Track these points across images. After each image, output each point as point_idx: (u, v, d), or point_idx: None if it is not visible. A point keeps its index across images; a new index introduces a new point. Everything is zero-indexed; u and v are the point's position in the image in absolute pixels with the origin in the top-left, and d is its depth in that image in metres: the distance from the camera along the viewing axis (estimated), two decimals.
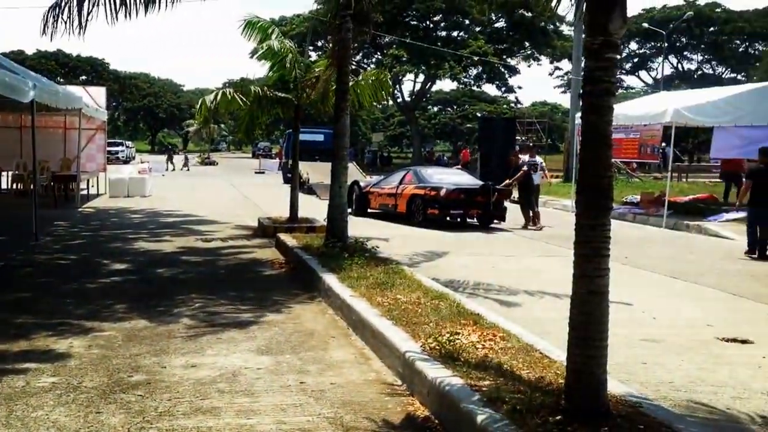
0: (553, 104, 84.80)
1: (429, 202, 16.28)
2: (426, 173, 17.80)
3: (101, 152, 24.60)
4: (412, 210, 16.73)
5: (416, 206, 16.62)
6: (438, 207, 16.17)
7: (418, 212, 16.47)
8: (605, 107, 4.16)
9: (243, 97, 13.69)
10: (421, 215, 16.36)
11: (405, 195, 17.05)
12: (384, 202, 17.89)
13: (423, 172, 18.00)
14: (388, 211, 17.70)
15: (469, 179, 17.96)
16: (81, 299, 8.15)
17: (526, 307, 8.00)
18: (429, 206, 16.28)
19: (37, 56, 79.61)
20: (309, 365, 5.79)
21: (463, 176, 18.53)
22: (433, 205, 16.18)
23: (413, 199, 16.75)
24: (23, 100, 10.90)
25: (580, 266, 4.17)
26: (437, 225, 15.98)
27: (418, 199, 16.52)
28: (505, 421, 3.98)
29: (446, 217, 16.34)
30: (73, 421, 4.50)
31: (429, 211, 16.27)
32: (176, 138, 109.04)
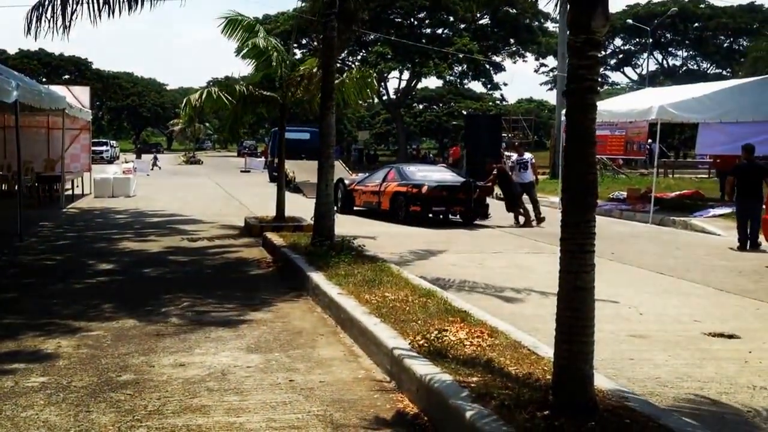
0: (539, 101, 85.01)
1: (411, 199, 16.34)
2: (408, 171, 17.88)
3: (86, 152, 24.41)
4: (396, 207, 16.82)
5: (399, 203, 16.70)
6: (420, 204, 16.23)
7: (401, 209, 16.55)
8: (589, 105, 4.19)
9: (228, 96, 13.66)
10: (403, 212, 16.44)
11: (388, 192, 17.14)
12: (368, 199, 17.98)
13: (406, 169, 18.07)
14: (372, 208, 17.79)
15: (451, 176, 17.98)
16: (68, 299, 8.13)
17: (514, 304, 8.03)
18: (411, 203, 16.33)
19: (19, 56, 78.75)
20: (298, 363, 5.80)
21: (445, 173, 18.53)
22: (415, 202, 16.24)
23: (396, 196, 16.83)
24: (6, 100, 10.83)
25: (566, 262, 4.21)
26: (423, 223, 16.02)
27: (401, 196, 16.58)
28: (493, 417, 4.01)
29: (428, 214, 16.39)
30: (64, 420, 4.50)
31: (411, 208, 16.33)
32: (161, 137, 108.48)
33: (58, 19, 9.24)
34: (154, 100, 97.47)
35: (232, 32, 13.56)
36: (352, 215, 17.55)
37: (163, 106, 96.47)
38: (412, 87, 60.41)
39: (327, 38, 10.99)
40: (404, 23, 52.25)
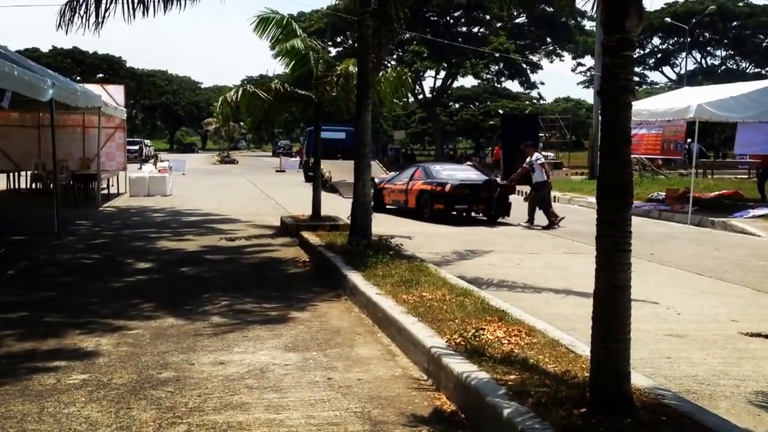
0: (577, 100, 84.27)
1: (435, 197, 16.69)
2: (434, 169, 18.20)
3: (121, 151, 24.65)
4: (421, 205, 17.16)
5: (424, 201, 17.03)
6: (443, 202, 16.54)
7: (426, 207, 16.88)
8: (623, 104, 4.17)
9: (264, 93, 13.71)
10: (428, 210, 16.77)
11: (414, 191, 17.48)
12: (396, 198, 18.31)
13: (431, 168, 18.41)
14: (400, 206, 18.10)
15: (475, 175, 18.12)
16: (107, 298, 8.25)
17: (552, 304, 7.98)
18: (435, 201, 16.69)
19: (52, 54, 78.80)
20: (336, 362, 5.83)
21: (470, 172, 18.70)
22: (438, 200, 16.58)
23: (421, 194, 17.18)
24: (42, 98, 10.97)
25: (602, 261, 4.19)
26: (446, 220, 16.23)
27: (426, 194, 16.93)
28: (530, 414, 4.01)
29: (451, 211, 16.63)
30: (105, 417, 4.57)
31: (435, 206, 16.68)
32: (195, 136, 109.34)
33: (91, 15, 9.38)
34: (188, 99, 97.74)
35: (264, 30, 13.60)
36: (382, 213, 17.59)
37: (197, 104, 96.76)
38: (447, 86, 60.30)
39: (362, 36, 11.01)
40: (440, 22, 52.13)
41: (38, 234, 12.84)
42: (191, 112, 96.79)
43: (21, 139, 22.50)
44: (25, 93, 9.80)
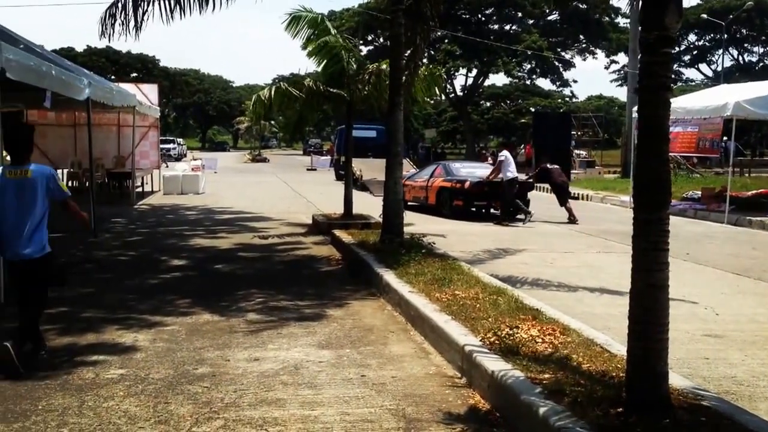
0: (610, 98, 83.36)
1: (455, 194, 17.20)
2: (454, 167, 18.71)
3: (155, 149, 24.85)
4: (441, 202, 17.60)
5: (444, 198, 17.47)
6: (463, 198, 17.08)
7: (446, 204, 17.31)
8: (662, 102, 4.13)
9: (297, 91, 13.77)
10: (448, 207, 17.19)
11: (434, 188, 17.91)
12: (417, 194, 18.61)
13: (451, 165, 18.98)
14: (420, 203, 18.42)
15: None
16: (143, 294, 8.36)
17: (585, 303, 7.94)
18: (455, 198, 17.17)
19: (87, 53, 79.40)
20: (369, 359, 5.85)
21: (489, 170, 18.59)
22: (458, 196, 17.09)
23: (441, 191, 17.64)
24: (79, 97, 11.10)
25: (639, 260, 4.15)
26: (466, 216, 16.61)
27: (446, 191, 17.40)
28: (567, 413, 3.99)
29: (471, 208, 17.13)
30: (143, 411, 4.64)
31: (454, 203, 17.15)
32: (227, 135, 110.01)
33: (130, 20, 9.50)
34: (220, 98, 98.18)
35: (296, 28, 13.65)
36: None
37: (229, 103, 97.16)
38: (479, 84, 60.00)
39: (395, 35, 11.01)
40: (471, 20, 51.88)
41: (75, 231, 12.98)
42: (223, 111, 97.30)
43: (57, 137, 22.79)
44: (63, 92, 9.93)
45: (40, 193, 5.69)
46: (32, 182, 5.66)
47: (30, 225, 5.66)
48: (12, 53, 7.56)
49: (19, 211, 5.63)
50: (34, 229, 5.69)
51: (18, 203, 5.63)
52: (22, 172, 5.67)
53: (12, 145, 5.86)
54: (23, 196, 5.64)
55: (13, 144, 5.87)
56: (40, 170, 5.77)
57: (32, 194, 5.66)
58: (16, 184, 5.64)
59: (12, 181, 5.65)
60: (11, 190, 5.63)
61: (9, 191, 5.63)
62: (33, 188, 5.66)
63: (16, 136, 5.97)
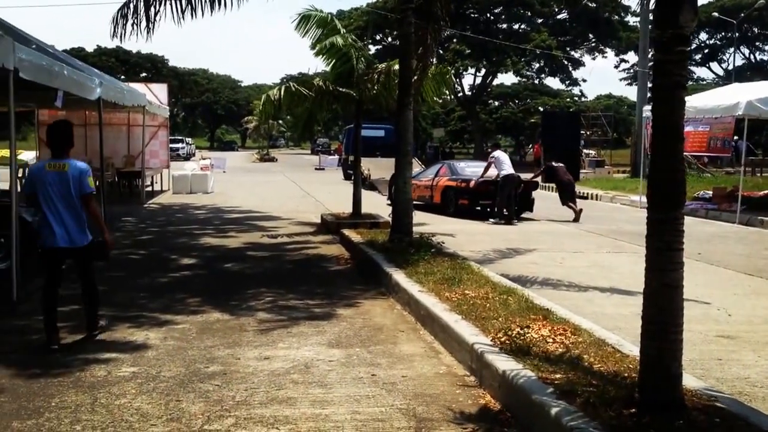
0: (619, 97, 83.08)
1: (460, 193, 17.41)
2: (459, 166, 19.02)
3: (164, 149, 24.81)
4: (446, 200, 17.78)
5: (449, 197, 17.66)
6: (468, 197, 17.26)
7: (451, 203, 17.52)
8: (676, 100, 4.11)
9: (307, 91, 13.78)
10: (453, 205, 17.37)
11: (440, 187, 18.10)
12: (422, 193, 18.65)
13: (456, 165, 19.31)
14: (425, 201, 18.55)
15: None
16: (154, 293, 8.39)
17: (596, 303, 7.92)
18: (460, 197, 17.38)
19: (97, 53, 79.81)
20: (379, 358, 5.85)
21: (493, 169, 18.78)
22: (463, 195, 17.30)
23: (446, 190, 17.83)
24: (90, 97, 11.12)
25: (653, 260, 4.13)
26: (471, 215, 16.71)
27: (451, 190, 17.62)
28: (579, 413, 3.98)
29: (476, 207, 17.24)
30: (155, 409, 4.65)
31: (460, 201, 17.37)
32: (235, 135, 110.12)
33: (141, 21, 9.52)
34: (228, 97, 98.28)
35: (306, 28, 13.67)
36: None
37: (237, 103, 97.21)
38: (488, 83, 59.91)
39: (405, 34, 11.00)
40: (480, 19, 51.80)
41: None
42: (231, 111, 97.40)
43: None
44: (75, 92, 9.96)
45: (76, 184, 6.11)
46: (69, 176, 6.10)
47: (69, 215, 6.11)
48: (25, 53, 7.59)
49: (58, 202, 6.07)
50: (74, 218, 6.13)
51: (58, 194, 6.07)
52: (60, 166, 6.12)
53: (53, 139, 6.26)
54: (62, 188, 6.08)
55: (53, 139, 6.25)
56: (76, 165, 6.19)
57: (70, 186, 6.09)
58: (55, 177, 6.09)
59: (52, 173, 6.10)
60: (52, 182, 6.07)
61: (50, 183, 6.07)
62: (70, 181, 6.09)
63: (57, 131, 6.29)
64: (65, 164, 6.13)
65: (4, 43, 6.98)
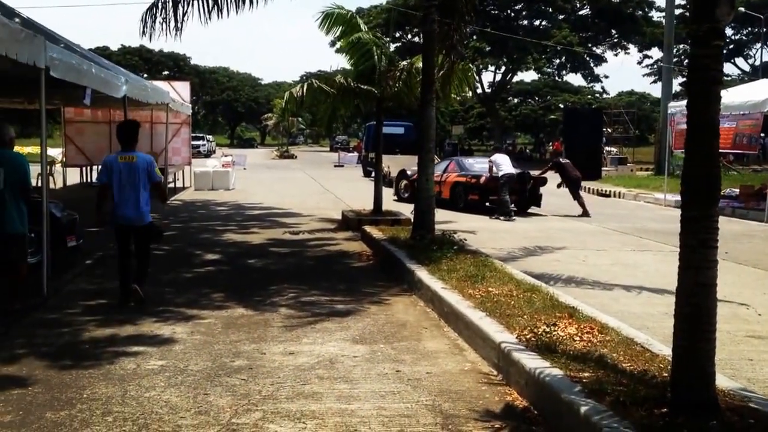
0: (641, 93, 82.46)
1: (470, 188, 17.68)
2: (467, 162, 19.42)
3: (186, 146, 24.95)
4: (455, 196, 17.98)
5: (458, 192, 17.91)
6: (478, 193, 17.54)
7: (460, 198, 17.80)
8: (712, 96, 4.07)
9: (329, 88, 13.81)
10: (462, 201, 17.61)
11: (449, 182, 18.27)
12: None
13: (464, 161, 19.70)
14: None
15: None
16: (179, 288, 8.45)
17: (621, 302, 7.86)
18: (470, 192, 17.65)
19: (121, 52, 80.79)
20: (403, 355, 5.85)
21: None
22: (474, 191, 17.56)
23: (456, 186, 18.07)
24: (116, 95, 11.22)
25: (686, 258, 4.10)
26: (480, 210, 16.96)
27: (460, 186, 17.84)
28: (609, 413, 3.95)
29: (486, 202, 17.39)
30: (184, 402, 4.70)
31: (470, 197, 17.63)
32: (254, 132, 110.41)
33: (170, 21, 9.59)
34: (248, 95, 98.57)
35: (328, 25, 13.71)
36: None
37: (257, 100, 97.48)
38: (507, 81, 59.71)
39: (427, 31, 10.98)
40: (501, 16, 51.60)
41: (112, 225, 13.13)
42: (251, 108, 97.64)
43: (93, 134, 23.06)
44: (102, 90, 10.05)
45: (143, 175, 7.40)
46: (137, 166, 7.39)
47: (137, 198, 7.41)
48: (56, 52, 7.67)
49: (128, 188, 7.37)
50: (139, 202, 7.44)
51: (127, 182, 7.36)
52: (129, 158, 7.42)
53: (122, 136, 7.55)
54: (131, 176, 7.37)
55: (123, 135, 7.55)
56: (143, 157, 7.54)
57: (137, 175, 7.38)
58: (125, 167, 7.37)
59: (122, 164, 7.39)
60: (122, 171, 7.36)
61: (121, 172, 7.36)
62: (138, 170, 7.38)
63: (126, 129, 7.63)
64: (134, 156, 7.40)
65: (36, 41, 7.05)
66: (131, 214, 7.43)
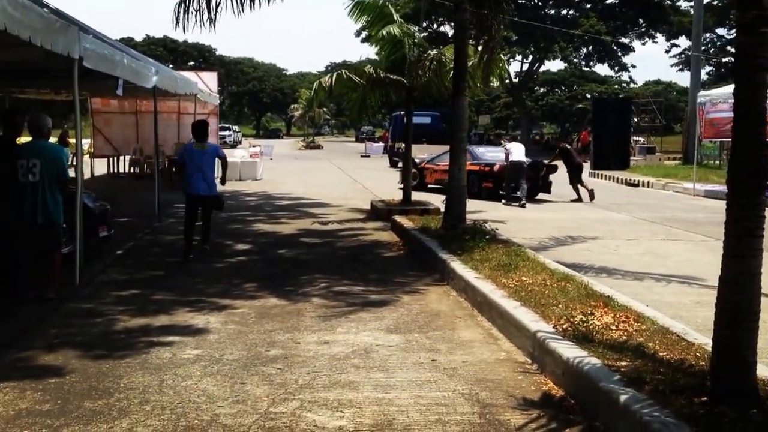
0: (668, 83, 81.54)
1: (484, 176, 17.99)
2: (479, 151, 19.69)
3: (214, 136, 24.93)
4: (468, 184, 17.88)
5: (471, 181, 17.89)
6: (492, 181, 17.96)
7: (474, 186, 17.69)
8: (760, 83, 4.02)
9: (358, 78, 13.80)
10: (476, 189, 17.67)
11: None
12: (440, 177, 19.00)
13: (476, 150, 19.86)
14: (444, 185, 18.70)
15: None
16: (211, 278, 8.50)
17: (654, 291, 7.81)
18: (484, 180, 17.96)
19: (146, 42, 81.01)
20: (438, 344, 5.85)
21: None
22: (487, 179, 17.90)
23: (469, 174, 18.07)
24: (147, 85, 11.27)
25: (731, 246, 4.06)
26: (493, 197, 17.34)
27: (474, 174, 17.68)
28: (649, 401, 3.92)
29: (500, 190, 17.73)
30: (221, 391, 4.72)
31: (484, 185, 17.92)
32: (280, 122, 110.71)
33: (204, 12, 9.63)
34: (274, 85, 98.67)
35: (359, 14, 13.72)
36: (423, 192, 18.18)
37: (282, 91, 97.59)
38: (534, 70, 59.28)
39: (460, 20, 10.92)
40: (528, 5, 51.15)
41: (141, 216, 13.27)
42: (276, 99, 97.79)
43: (121, 125, 23.24)
44: (134, 80, 10.11)
45: (211, 159, 10.08)
46: (207, 152, 10.01)
47: (206, 176, 9.84)
48: (89, 42, 7.71)
49: (201, 168, 9.78)
50: (208, 179, 9.90)
51: (200, 164, 9.79)
52: (201, 146, 9.97)
53: (197, 131, 10.11)
54: (202, 159, 9.84)
55: (197, 131, 10.12)
56: (211, 145, 10.46)
57: (207, 158, 9.97)
58: (198, 152, 9.89)
59: (196, 150, 9.93)
60: (196, 156, 9.84)
61: (195, 156, 9.83)
62: (208, 155, 10.00)
63: (199, 126, 10.20)
64: (204, 145, 10.00)
65: (70, 32, 7.09)
66: (202, 188, 9.75)
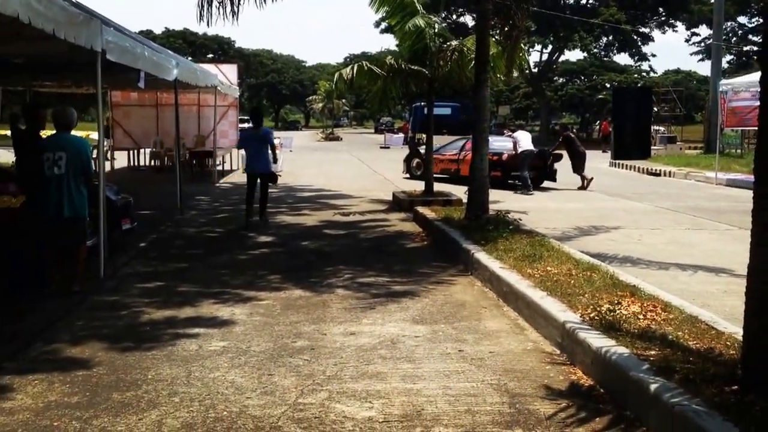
0: (687, 72, 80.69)
1: (493, 166, 17.90)
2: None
3: (233, 128, 25.01)
4: None
5: None
6: (500, 169, 18.06)
7: None
8: None
9: (378, 69, 13.77)
10: None
11: (468, 160, 18.27)
12: (446, 167, 19.73)
13: None
14: (450, 175, 19.42)
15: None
16: (235, 270, 8.52)
17: (680, 281, 7.75)
18: (492, 169, 17.58)
19: (165, 35, 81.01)
20: (465, 334, 5.84)
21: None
22: (496, 168, 17.62)
23: None
24: (168, 78, 11.31)
25: (759, 235, 4.02)
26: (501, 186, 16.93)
27: None
28: (679, 390, 3.90)
29: (508, 179, 18.23)
30: (249, 382, 4.74)
31: (492, 174, 17.46)
32: (299, 114, 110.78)
33: (227, 6, 9.64)
34: (292, 77, 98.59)
35: (380, 4, 13.65)
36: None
37: (301, 83, 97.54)
38: (554, 60, 58.85)
39: (482, 10, 10.86)
40: None
41: (162, 209, 13.33)
42: (295, 91, 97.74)
43: (141, 118, 23.33)
44: (154, 73, 10.14)
45: (265, 141, 11.82)
46: (261, 136, 11.89)
47: (262, 155, 11.74)
48: (111, 35, 7.74)
49: (257, 149, 11.77)
50: (263, 157, 11.77)
51: (257, 145, 11.78)
52: (257, 130, 11.99)
53: (254, 116, 12.33)
54: (259, 142, 11.76)
55: (254, 116, 12.34)
56: (265, 129, 12.25)
57: (262, 142, 11.80)
58: (255, 136, 11.93)
59: (253, 134, 12.07)
60: (253, 139, 11.93)
61: (252, 140, 11.94)
62: (262, 139, 11.84)
63: (256, 112, 12.50)
64: (260, 129, 11.99)
65: (93, 25, 7.12)
66: (259, 166, 11.69)
